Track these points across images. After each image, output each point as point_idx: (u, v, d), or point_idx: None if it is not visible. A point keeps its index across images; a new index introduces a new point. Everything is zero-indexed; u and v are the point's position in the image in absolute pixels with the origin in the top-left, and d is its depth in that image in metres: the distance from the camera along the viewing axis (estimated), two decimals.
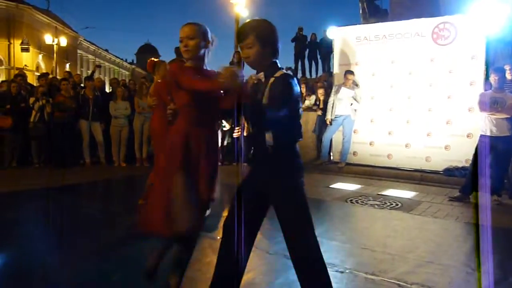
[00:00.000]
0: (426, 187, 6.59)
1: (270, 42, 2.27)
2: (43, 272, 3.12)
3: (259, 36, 2.24)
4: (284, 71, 2.27)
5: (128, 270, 3.18)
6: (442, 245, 3.84)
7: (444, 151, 7.22)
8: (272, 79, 2.22)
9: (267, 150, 2.24)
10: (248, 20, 2.39)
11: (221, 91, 2.43)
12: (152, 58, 5.19)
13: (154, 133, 4.97)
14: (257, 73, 2.30)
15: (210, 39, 2.52)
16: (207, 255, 3.35)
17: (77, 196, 6.23)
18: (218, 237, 2.69)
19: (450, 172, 6.94)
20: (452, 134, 7.16)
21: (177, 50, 7.26)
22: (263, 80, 2.26)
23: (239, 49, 2.38)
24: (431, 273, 3.16)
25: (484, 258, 3.29)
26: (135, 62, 61.71)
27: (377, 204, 5.50)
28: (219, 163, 2.67)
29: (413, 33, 7.58)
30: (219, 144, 2.70)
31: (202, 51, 2.47)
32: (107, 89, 11.95)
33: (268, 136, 2.22)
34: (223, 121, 2.78)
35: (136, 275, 3.13)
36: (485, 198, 4.92)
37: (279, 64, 2.32)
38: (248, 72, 2.30)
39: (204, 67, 2.53)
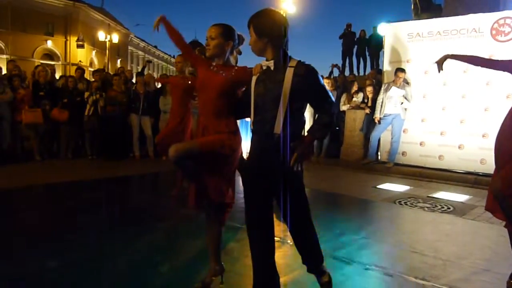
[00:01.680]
0: (480, 191, 6.26)
1: (267, 33, 2.34)
2: (99, 259, 3.26)
3: (255, 27, 2.36)
4: (297, 59, 2.36)
5: (176, 261, 3.26)
6: (499, 253, 3.63)
7: None
8: (291, 68, 2.29)
9: (274, 139, 2.31)
10: (263, 10, 2.44)
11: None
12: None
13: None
14: (267, 60, 2.38)
15: (235, 39, 2.62)
16: None
17: (127, 188, 6.46)
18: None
19: None
20: None
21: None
22: (272, 67, 2.34)
23: None
24: (487, 281, 3.00)
25: None
26: None
27: (427, 207, 5.31)
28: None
29: (470, 29, 7.23)
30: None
31: (222, 50, 2.58)
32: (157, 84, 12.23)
33: (277, 126, 2.30)
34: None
35: (185, 266, 3.20)
36: None
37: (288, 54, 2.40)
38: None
39: (229, 64, 2.64)
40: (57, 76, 11.35)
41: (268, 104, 2.32)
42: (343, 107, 8.76)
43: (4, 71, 9.44)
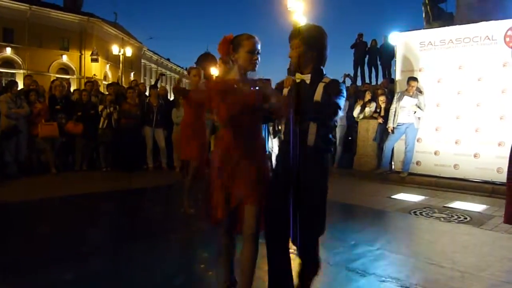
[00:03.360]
0: (498, 200, 6.13)
1: (316, 47, 2.41)
2: (112, 269, 3.27)
3: (305, 39, 2.38)
4: (331, 78, 2.42)
5: (189, 273, 3.26)
6: None
7: None
8: (323, 84, 2.35)
9: (306, 151, 2.32)
10: (303, 24, 2.58)
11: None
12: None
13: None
14: (302, 73, 2.40)
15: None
16: None
17: (141, 199, 6.49)
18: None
19: None
20: None
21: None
22: (308, 81, 2.38)
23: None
24: None
25: None
26: None
27: (443, 217, 5.22)
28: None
29: (483, 37, 7.16)
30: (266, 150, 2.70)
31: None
32: (170, 97, 12.37)
33: (310, 138, 2.32)
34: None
35: (198, 279, 3.20)
36: None
37: (324, 72, 2.47)
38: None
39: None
40: (72, 89, 11.54)
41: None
42: (359, 115, 8.65)
43: (21, 86, 9.65)
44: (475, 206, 5.79)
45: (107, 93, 9.48)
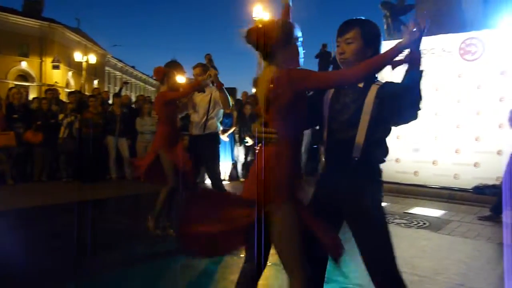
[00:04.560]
0: (455, 206, 6.40)
1: (376, 43, 2.09)
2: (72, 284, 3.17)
3: (365, 33, 2.05)
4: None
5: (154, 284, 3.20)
6: (474, 267, 3.70)
7: (473, 168, 7.03)
8: (376, 86, 2.05)
9: (350, 163, 2.04)
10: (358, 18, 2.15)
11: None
12: (160, 66, 4.65)
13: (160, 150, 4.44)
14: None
15: None
16: None
17: (104, 211, 6.33)
18: None
19: (480, 190, 6.73)
20: (482, 151, 6.97)
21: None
22: (360, 85, 2.05)
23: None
24: None
25: None
26: None
27: (403, 223, 5.38)
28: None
29: (440, 49, 7.48)
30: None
31: None
32: (134, 105, 12.19)
33: (356, 149, 2.02)
34: (246, 137, 2.77)
35: None
36: None
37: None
38: None
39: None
40: (31, 97, 11.17)
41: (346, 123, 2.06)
42: None
43: None
44: (434, 212, 5.99)
45: (68, 101, 9.23)
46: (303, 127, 2.17)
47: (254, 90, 2.21)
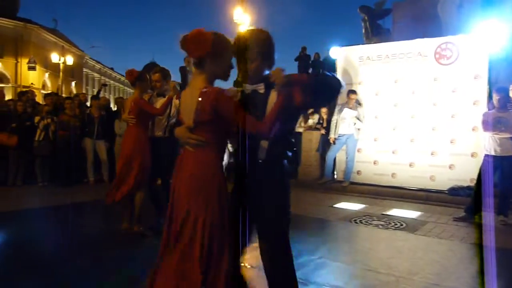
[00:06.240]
0: (431, 207, 6.53)
1: (271, 58, 2.30)
2: None
3: (261, 53, 2.25)
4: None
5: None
6: (448, 267, 3.79)
7: (448, 170, 7.19)
8: (275, 91, 2.18)
9: (257, 165, 2.23)
10: (246, 31, 2.38)
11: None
12: (134, 68, 4.69)
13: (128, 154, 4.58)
14: (253, 84, 2.26)
15: None
16: None
17: (81, 215, 6.22)
18: None
19: (455, 191, 6.89)
20: (457, 153, 7.14)
21: (182, 69, 7.21)
22: (262, 91, 2.23)
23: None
24: None
25: (490, 281, 3.24)
26: None
27: (381, 224, 5.46)
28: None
29: (416, 53, 7.64)
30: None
31: None
32: (112, 107, 12.04)
33: (261, 151, 2.21)
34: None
35: None
36: (490, 218, 4.87)
37: None
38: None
39: None
40: (6, 99, 10.90)
41: None
42: (299, 129, 8.93)
43: None
44: (411, 213, 6.10)
45: (44, 103, 9.05)
46: (228, 133, 2.27)
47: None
